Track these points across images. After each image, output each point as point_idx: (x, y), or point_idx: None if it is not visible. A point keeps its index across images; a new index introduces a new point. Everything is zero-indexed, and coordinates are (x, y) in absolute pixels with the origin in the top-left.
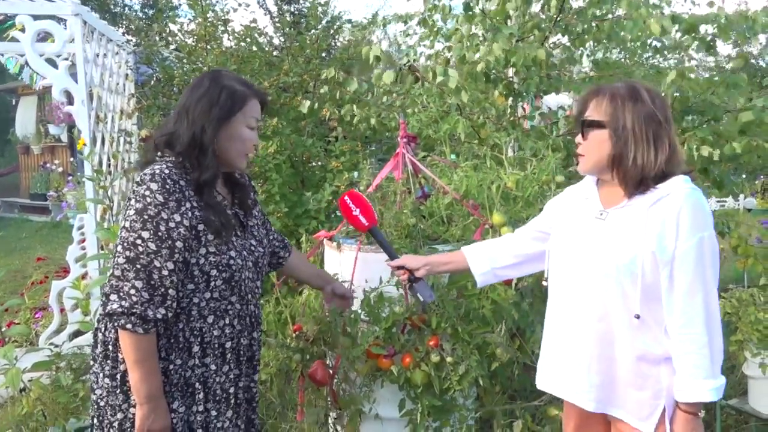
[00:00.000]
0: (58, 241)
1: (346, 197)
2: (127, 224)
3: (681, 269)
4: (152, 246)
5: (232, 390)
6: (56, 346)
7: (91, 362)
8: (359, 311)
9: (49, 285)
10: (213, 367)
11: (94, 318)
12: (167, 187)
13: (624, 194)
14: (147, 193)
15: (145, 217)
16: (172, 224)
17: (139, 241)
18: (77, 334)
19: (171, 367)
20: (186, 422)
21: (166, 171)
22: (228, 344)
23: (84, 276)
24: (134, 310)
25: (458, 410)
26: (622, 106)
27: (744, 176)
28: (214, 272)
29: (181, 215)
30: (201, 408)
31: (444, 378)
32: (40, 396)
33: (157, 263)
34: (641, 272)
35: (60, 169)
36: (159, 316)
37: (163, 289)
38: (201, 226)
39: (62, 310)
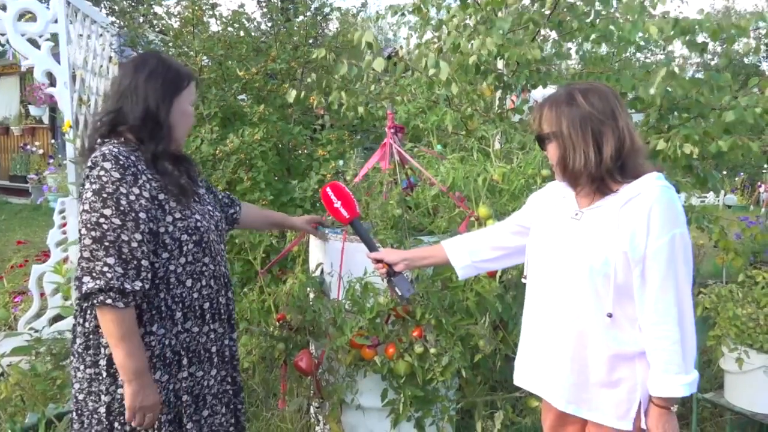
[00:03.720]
0: (37, 224)
1: (327, 189)
2: (87, 206)
3: (653, 267)
4: (116, 221)
5: (214, 349)
6: (36, 330)
7: (71, 357)
8: (344, 301)
9: (28, 269)
10: (195, 329)
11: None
12: (121, 162)
13: (597, 196)
14: (102, 173)
15: (104, 195)
16: (132, 197)
17: (102, 220)
18: (57, 318)
19: (152, 338)
20: (171, 390)
21: (115, 150)
22: (206, 305)
23: (65, 260)
24: (111, 285)
25: (440, 401)
26: (558, 113)
27: (725, 173)
28: (184, 237)
29: (139, 188)
30: (185, 374)
31: (427, 369)
32: (19, 381)
33: (124, 237)
34: (614, 272)
35: (41, 151)
36: (137, 288)
37: (135, 262)
38: (161, 196)
39: (42, 294)
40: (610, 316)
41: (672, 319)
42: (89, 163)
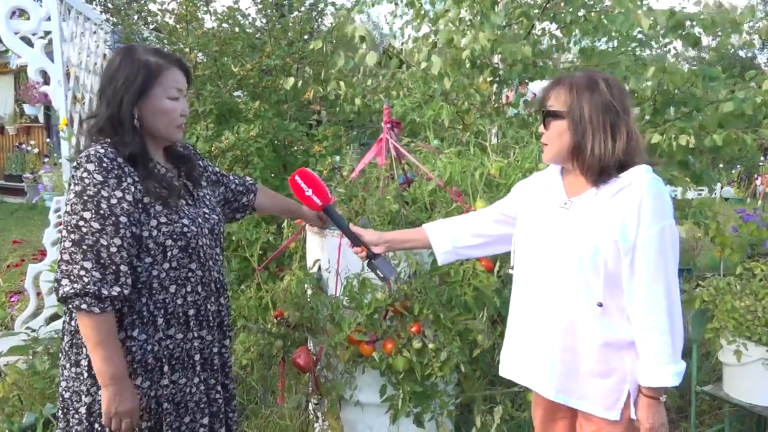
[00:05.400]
0: (33, 223)
1: (296, 177)
2: (68, 208)
3: (642, 258)
4: (96, 225)
5: (197, 357)
6: (33, 330)
7: (60, 355)
8: (341, 297)
9: (24, 268)
10: (179, 336)
11: None
12: (104, 165)
13: (587, 184)
14: (84, 174)
15: (85, 197)
16: (113, 201)
17: (81, 222)
18: (54, 318)
19: (133, 343)
20: (153, 397)
21: (101, 151)
22: (191, 312)
23: None
24: (87, 290)
25: (439, 396)
26: (580, 97)
27: (721, 165)
28: (169, 242)
29: (122, 191)
30: (167, 381)
31: (426, 364)
32: (17, 381)
33: (103, 241)
34: (603, 261)
35: (36, 150)
36: (114, 293)
37: (114, 267)
38: (147, 199)
39: (39, 293)
40: (600, 305)
41: (662, 309)
42: (75, 164)
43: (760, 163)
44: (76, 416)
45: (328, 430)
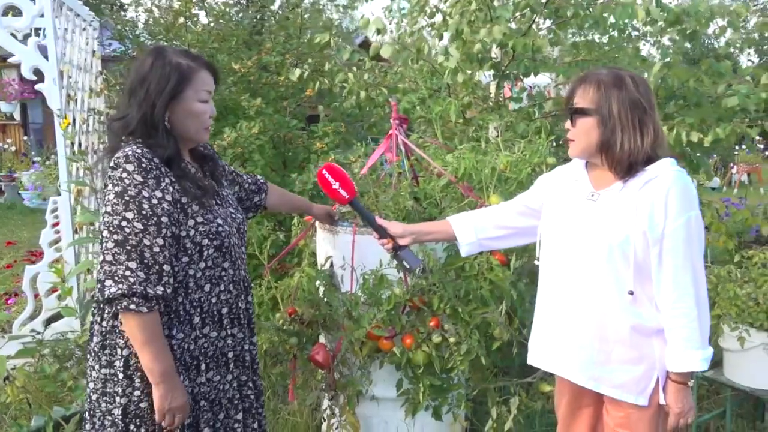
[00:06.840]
0: (14, 223)
1: (324, 171)
2: (109, 208)
3: (671, 247)
4: (138, 225)
5: (231, 354)
6: (37, 333)
7: (88, 356)
8: (359, 294)
9: (16, 269)
10: (213, 334)
11: (75, 303)
12: (143, 165)
13: (614, 178)
14: (124, 175)
15: (126, 198)
16: (154, 201)
17: (124, 223)
18: (51, 320)
19: (173, 342)
20: (190, 395)
21: (139, 151)
22: (224, 310)
23: (57, 260)
24: (134, 290)
25: (456, 389)
26: (608, 94)
27: (698, 155)
28: (205, 242)
29: (162, 191)
30: (203, 379)
31: (447, 358)
32: (25, 384)
33: (146, 241)
34: (633, 251)
35: (13, 148)
36: (159, 292)
37: (157, 267)
38: (184, 199)
39: (36, 295)
40: (631, 293)
41: (690, 296)
42: (112, 164)
43: (735, 152)
44: (109, 418)
45: (346, 425)
